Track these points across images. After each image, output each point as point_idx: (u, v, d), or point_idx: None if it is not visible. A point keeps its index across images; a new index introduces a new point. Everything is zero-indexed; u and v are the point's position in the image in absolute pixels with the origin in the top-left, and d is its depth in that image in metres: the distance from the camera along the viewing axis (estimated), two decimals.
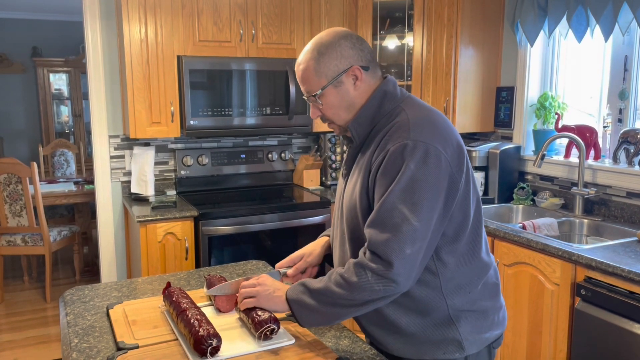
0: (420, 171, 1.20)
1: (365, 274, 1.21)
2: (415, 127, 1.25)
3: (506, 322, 1.45)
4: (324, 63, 1.32)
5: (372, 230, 1.23)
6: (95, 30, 3.20)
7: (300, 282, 1.31)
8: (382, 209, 1.22)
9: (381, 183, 1.24)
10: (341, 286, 1.24)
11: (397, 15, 3.40)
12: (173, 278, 1.85)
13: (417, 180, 1.20)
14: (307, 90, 1.37)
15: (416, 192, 1.20)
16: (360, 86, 1.35)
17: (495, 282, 1.41)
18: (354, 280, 1.22)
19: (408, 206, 1.20)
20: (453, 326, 1.32)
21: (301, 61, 1.36)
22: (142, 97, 3.00)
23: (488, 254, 1.41)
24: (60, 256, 5.28)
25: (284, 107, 3.27)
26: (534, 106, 3.12)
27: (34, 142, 7.16)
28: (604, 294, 2.01)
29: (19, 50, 7.01)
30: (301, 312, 1.29)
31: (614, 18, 2.50)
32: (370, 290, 1.21)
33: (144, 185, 3.27)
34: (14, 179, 3.92)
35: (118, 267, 3.45)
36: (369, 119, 1.35)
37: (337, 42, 1.33)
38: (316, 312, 1.27)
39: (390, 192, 1.21)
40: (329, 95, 1.34)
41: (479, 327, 1.35)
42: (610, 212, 2.67)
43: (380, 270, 1.20)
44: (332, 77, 1.33)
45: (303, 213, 3.11)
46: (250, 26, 3.20)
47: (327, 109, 1.36)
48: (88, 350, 1.33)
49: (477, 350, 1.35)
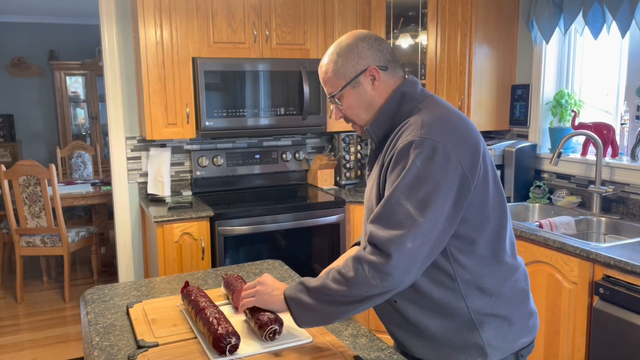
0: (426, 168, 1.19)
1: (363, 269, 1.18)
2: (425, 125, 1.24)
3: (537, 329, 1.40)
4: (342, 65, 1.35)
5: (374, 224, 1.21)
6: (112, 33, 3.24)
7: (299, 281, 1.30)
8: (385, 204, 1.21)
9: (389, 180, 1.25)
10: (338, 282, 1.22)
11: (411, 14, 3.39)
12: (190, 277, 1.87)
13: (423, 177, 1.19)
14: (328, 92, 1.41)
15: (421, 189, 1.18)
16: (378, 86, 1.36)
17: (524, 287, 1.37)
18: (350, 276, 1.20)
19: (412, 202, 1.18)
20: (475, 331, 1.30)
21: (323, 64, 1.40)
22: (158, 99, 3.03)
23: (514, 257, 1.37)
24: (78, 257, 5.35)
25: (298, 108, 3.29)
26: (549, 104, 3.09)
27: (51, 144, 7.26)
28: (622, 293, 1.99)
29: (36, 53, 7.12)
30: (298, 310, 1.27)
31: (630, 14, 2.48)
32: (368, 285, 1.18)
33: (160, 186, 3.30)
34: (33, 180, 3.98)
35: (135, 267, 3.49)
36: (387, 121, 1.35)
37: (354, 43, 1.35)
38: (313, 311, 1.25)
39: (395, 187, 1.20)
40: (348, 95, 1.37)
41: (504, 334, 1.32)
42: (628, 210, 2.64)
43: (378, 263, 1.17)
44: (350, 78, 1.35)
45: (317, 213, 3.12)
46: (264, 27, 3.22)
47: (347, 110, 1.39)
48: (109, 348, 1.35)
49: (502, 357, 1.32)
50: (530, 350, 1.40)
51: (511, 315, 1.33)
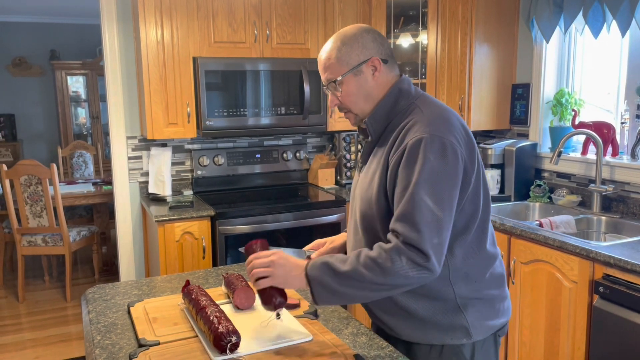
0: (440, 163, 1.26)
1: (401, 260, 1.23)
2: (431, 122, 1.31)
3: (510, 311, 1.50)
4: (346, 52, 1.39)
5: (402, 223, 1.25)
6: (112, 33, 3.25)
7: (322, 261, 1.30)
8: (409, 202, 1.25)
9: (402, 176, 1.28)
10: (372, 270, 1.25)
11: (411, 13, 3.39)
12: (191, 276, 1.88)
13: (438, 172, 1.25)
14: (327, 78, 1.42)
15: (438, 184, 1.25)
16: (378, 78, 1.40)
17: (501, 272, 1.47)
18: (388, 266, 1.24)
19: (432, 198, 1.24)
20: (461, 313, 1.38)
21: (325, 51, 1.42)
22: (159, 99, 3.04)
23: (494, 246, 1.46)
24: (79, 256, 5.36)
25: (299, 107, 3.29)
26: (550, 103, 3.09)
27: (52, 144, 7.27)
28: (622, 292, 2.00)
29: (37, 53, 7.13)
30: (320, 291, 1.29)
31: (631, 13, 2.48)
32: (405, 276, 1.24)
33: (161, 185, 3.31)
34: (34, 180, 3.99)
35: (136, 266, 3.49)
36: (384, 116, 1.40)
37: (359, 34, 1.40)
38: (337, 294, 1.28)
39: (414, 184, 1.25)
40: (348, 83, 1.40)
41: (486, 315, 1.40)
42: (628, 209, 2.65)
43: (418, 260, 1.23)
44: (353, 65, 1.39)
45: (318, 212, 3.13)
46: (265, 27, 3.22)
47: (346, 97, 1.41)
48: (110, 346, 1.36)
49: (484, 337, 1.41)
50: (504, 332, 1.50)
51: (492, 298, 1.42)
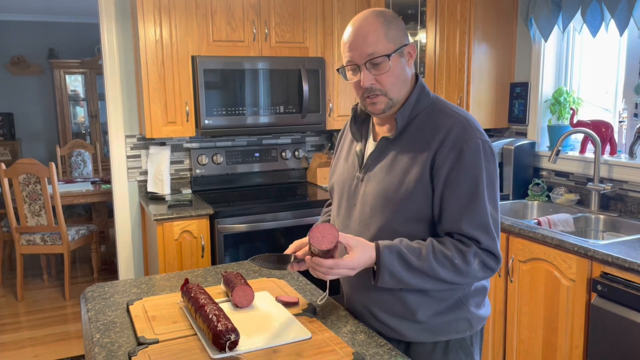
0: (493, 168, 1.33)
1: (474, 263, 1.30)
2: (475, 127, 1.34)
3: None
4: (393, 29, 1.33)
5: (479, 231, 1.30)
6: (111, 32, 3.25)
7: (397, 250, 1.29)
8: (479, 210, 1.30)
9: (462, 180, 1.30)
10: (446, 268, 1.29)
11: (410, 12, 3.39)
12: (190, 275, 1.88)
13: (492, 177, 1.33)
14: (370, 53, 1.30)
15: (494, 188, 1.34)
16: (411, 66, 1.39)
17: None
18: (464, 267, 1.29)
19: (491, 203, 1.32)
20: (464, 307, 1.42)
21: (365, 24, 1.31)
22: (158, 97, 3.04)
23: None
24: (78, 255, 5.36)
25: (297, 106, 3.29)
26: (548, 102, 3.10)
27: (51, 142, 7.27)
28: (620, 290, 2.00)
29: (35, 52, 7.12)
30: (387, 280, 1.31)
31: (629, 12, 2.48)
32: (474, 277, 1.33)
33: (160, 184, 3.31)
34: (33, 179, 3.99)
35: (135, 265, 3.50)
36: (409, 111, 1.38)
37: (397, 17, 1.37)
38: (401, 282, 1.31)
39: (482, 191, 1.30)
40: (394, 62, 1.33)
41: (480, 306, 1.46)
42: (626, 208, 2.65)
43: (491, 263, 1.33)
44: (399, 45, 1.34)
45: (317, 211, 3.13)
46: (263, 26, 3.22)
47: (389, 77, 1.33)
48: (110, 345, 1.36)
49: (479, 328, 1.45)
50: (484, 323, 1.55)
51: (484, 289, 1.48)
